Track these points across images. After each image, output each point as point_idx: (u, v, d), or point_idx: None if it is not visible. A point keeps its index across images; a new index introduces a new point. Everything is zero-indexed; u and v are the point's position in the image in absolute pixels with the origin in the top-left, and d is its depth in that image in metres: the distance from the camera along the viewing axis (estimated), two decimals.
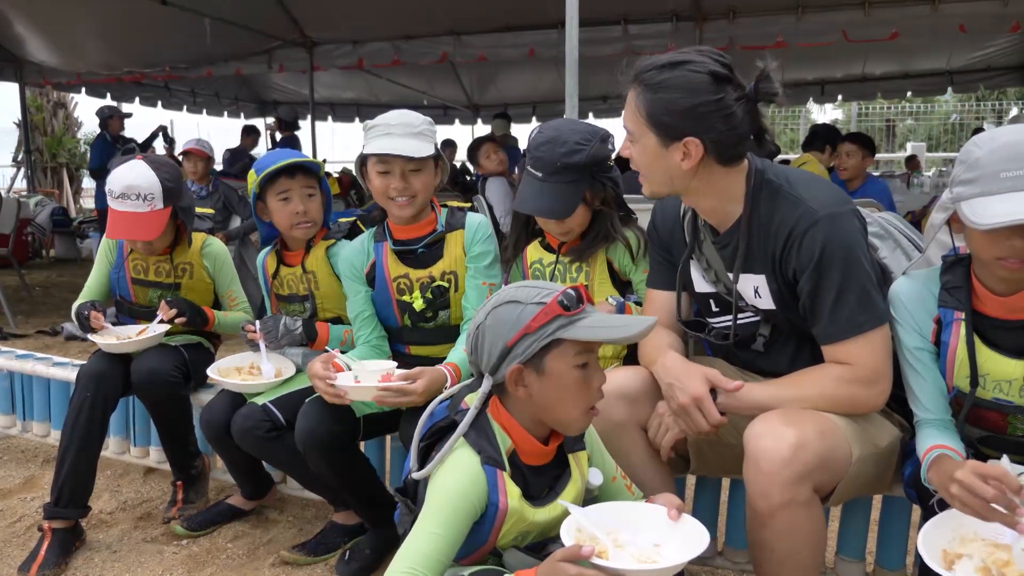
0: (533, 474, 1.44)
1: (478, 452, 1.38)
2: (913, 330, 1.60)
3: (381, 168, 2.09)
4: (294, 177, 2.32)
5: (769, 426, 1.51)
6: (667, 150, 1.58)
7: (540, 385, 1.37)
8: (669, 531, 1.37)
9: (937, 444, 1.52)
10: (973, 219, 1.38)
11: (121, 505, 2.75)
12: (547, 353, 1.35)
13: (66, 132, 16.76)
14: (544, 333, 1.34)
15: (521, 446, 1.42)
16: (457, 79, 11.45)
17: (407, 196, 2.11)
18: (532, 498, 1.42)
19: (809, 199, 1.60)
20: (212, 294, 2.66)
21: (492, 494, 1.36)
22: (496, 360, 1.37)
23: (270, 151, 2.44)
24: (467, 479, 1.35)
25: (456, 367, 2.02)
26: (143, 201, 2.37)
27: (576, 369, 1.37)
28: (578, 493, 1.48)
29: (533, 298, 1.36)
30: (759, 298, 1.71)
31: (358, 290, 2.22)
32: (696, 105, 1.53)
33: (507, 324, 1.36)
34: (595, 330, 1.34)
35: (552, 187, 1.96)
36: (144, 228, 2.39)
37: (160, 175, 2.40)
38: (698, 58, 1.55)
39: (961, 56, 9.79)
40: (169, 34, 8.12)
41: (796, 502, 1.48)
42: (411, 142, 2.07)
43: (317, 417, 2.03)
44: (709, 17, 7.17)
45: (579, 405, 1.40)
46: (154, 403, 2.48)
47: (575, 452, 1.50)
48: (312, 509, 2.69)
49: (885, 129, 20.21)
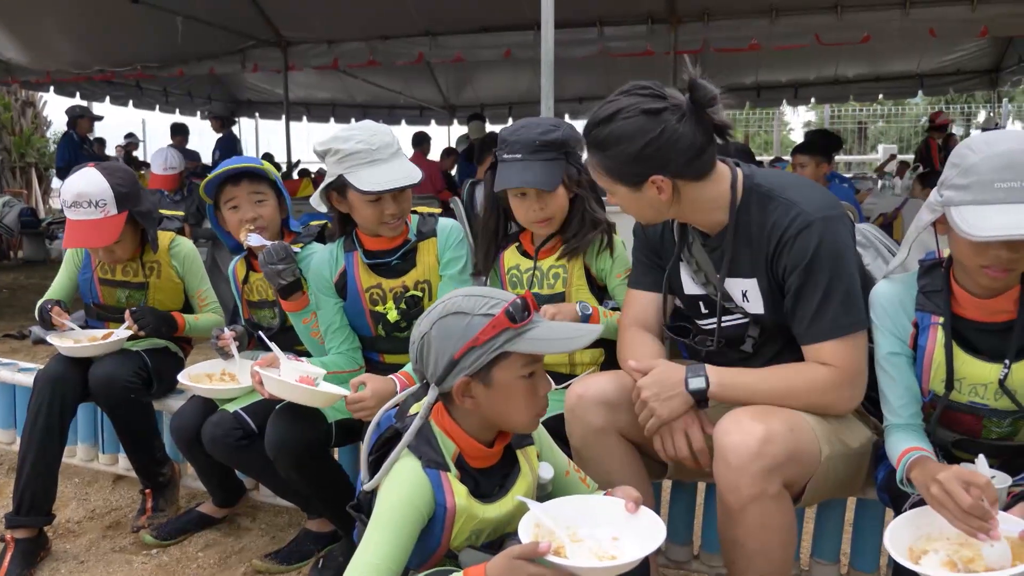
0: (482, 475, 1.43)
1: (419, 458, 1.37)
2: (891, 334, 1.60)
3: (374, 197, 2.02)
4: (239, 184, 2.27)
5: (738, 422, 1.53)
6: (640, 191, 1.63)
7: (487, 396, 1.37)
8: (626, 524, 1.36)
9: (913, 447, 1.53)
10: (964, 228, 1.36)
11: (89, 514, 2.70)
12: (494, 365, 1.35)
13: (35, 131, 16.44)
14: (492, 346, 1.33)
15: (466, 450, 1.42)
16: (433, 80, 11.41)
17: (400, 217, 2.08)
18: (483, 496, 1.41)
19: (802, 202, 1.61)
20: (182, 294, 2.62)
21: (438, 495, 1.35)
22: (442, 372, 1.36)
23: (224, 159, 2.40)
24: (410, 485, 1.34)
25: (409, 376, 1.99)
26: (95, 208, 2.34)
27: (523, 379, 1.37)
28: (528, 488, 1.48)
29: (480, 309, 1.35)
30: (747, 302, 1.72)
31: (327, 301, 2.18)
32: (644, 146, 1.55)
33: (453, 336, 1.34)
34: (542, 342, 1.35)
35: (534, 163, 1.98)
36: (99, 235, 2.35)
37: (112, 181, 2.37)
38: (626, 101, 1.57)
39: (931, 60, 9.97)
40: (140, 32, 8.00)
41: (766, 495, 1.49)
42: (399, 165, 2.02)
43: (287, 424, 2.00)
44: (684, 20, 7.19)
45: (527, 413, 1.40)
46: (112, 409, 2.43)
47: (523, 448, 1.50)
48: (285, 516, 2.65)
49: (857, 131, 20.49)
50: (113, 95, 10.78)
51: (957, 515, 1.31)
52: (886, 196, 6.81)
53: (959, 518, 1.31)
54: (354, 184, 1.98)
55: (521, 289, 2.12)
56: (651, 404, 1.62)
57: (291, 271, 2.15)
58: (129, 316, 2.42)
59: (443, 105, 12.72)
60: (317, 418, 2.04)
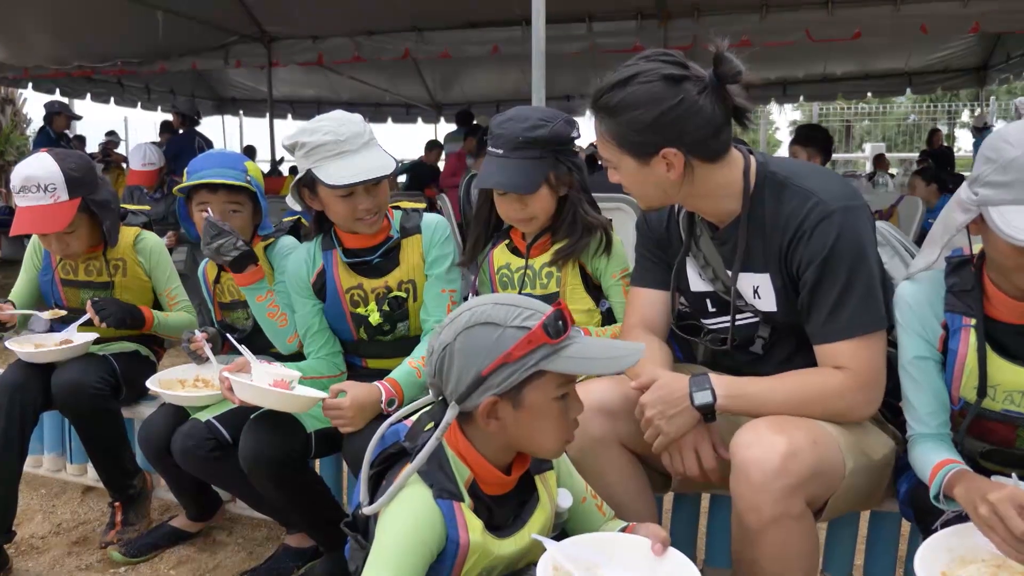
0: (496, 503, 1.30)
1: (430, 485, 1.23)
2: (920, 337, 1.48)
3: (345, 191, 1.89)
4: (216, 192, 2.14)
5: (758, 435, 1.41)
6: (649, 166, 1.49)
7: (515, 418, 1.23)
8: (653, 568, 1.24)
9: (949, 459, 1.41)
10: (1007, 231, 1.24)
11: (55, 528, 2.54)
12: (526, 385, 1.21)
13: (14, 129, 16.17)
14: (526, 364, 1.19)
15: (481, 476, 1.28)
16: (420, 77, 11.31)
17: (376, 212, 1.94)
18: (497, 528, 1.28)
19: (820, 191, 1.49)
20: (151, 293, 2.47)
21: (450, 530, 1.21)
22: (466, 389, 1.21)
23: (203, 154, 2.24)
24: (419, 516, 1.20)
25: (396, 383, 1.85)
26: (44, 193, 2.20)
27: (556, 401, 1.24)
28: (547, 519, 1.35)
29: (513, 320, 1.20)
30: (758, 299, 1.60)
31: (304, 303, 2.04)
32: (660, 115, 1.43)
33: (482, 350, 1.19)
34: (583, 362, 1.20)
35: (514, 162, 1.85)
36: (47, 221, 2.21)
37: (63, 165, 2.23)
38: (646, 66, 1.45)
39: (920, 57, 9.99)
40: (120, 27, 7.84)
41: (788, 516, 1.38)
42: (371, 156, 1.88)
43: (262, 435, 1.87)
44: (674, 15, 7.14)
45: (555, 438, 1.26)
46: (78, 418, 2.28)
47: (542, 473, 1.37)
48: (264, 530, 2.50)
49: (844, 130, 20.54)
50: (94, 92, 10.59)
51: (1008, 540, 1.21)
52: (879, 193, 6.74)
53: (1009, 543, 1.21)
54: (322, 179, 1.85)
55: (512, 290, 2.00)
56: (656, 422, 1.50)
57: (231, 244, 2.02)
58: (91, 307, 2.26)
59: (430, 103, 12.61)
60: (295, 428, 1.91)
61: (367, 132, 1.91)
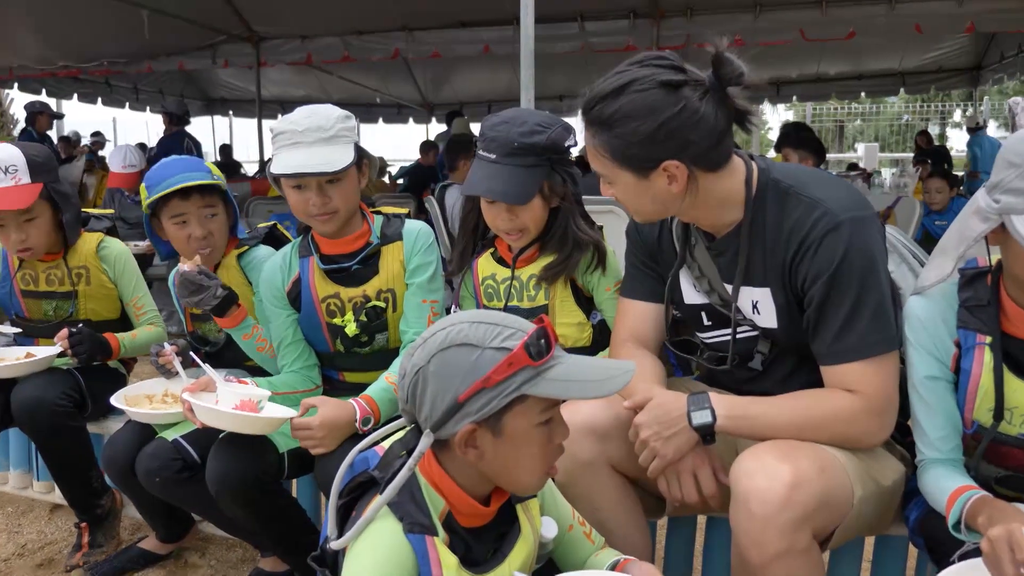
0: (474, 537, 1.19)
1: (400, 519, 1.12)
2: (931, 356, 1.38)
3: (294, 183, 1.80)
4: (189, 198, 2.03)
5: (760, 462, 1.30)
6: (648, 180, 1.38)
7: (494, 447, 1.12)
8: None
9: (967, 485, 1.32)
10: None
11: (19, 550, 2.42)
12: (507, 411, 1.10)
13: (1, 130, 16.04)
14: (507, 388, 1.08)
15: (458, 507, 1.17)
16: (411, 77, 11.19)
17: (328, 212, 1.83)
18: (474, 564, 1.17)
19: (827, 200, 1.38)
20: (117, 302, 2.35)
21: (422, 567, 1.11)
22: (442, 416, 1.10)
23: (159, 163, 2.12)
24: (387, 553, 1.10)
25: (372, 401, 1.75)
26: (4, 174, 2.12)
27: (539, 427, 1.13)
28: (530, 552, 1.24)
29: (492, 340, 1.09)
30: (758, 314, 1.50)
31: (279, 314, 1.94)
32: (659, 126, 1.32)
33: (459, 373, 1.09)
34: (569, 384, 1.10)
35: (507, 169, 1.73)
36: (8, 199, 2.12)
37: (26, 151, 2.17)
38: (641, 72, 1.33)
39: (913, 57, 9.94)
40: (106, 26, 7.70)
41: (794, 551, 1.27)
42: (324, 152, 1.76)
43: (230, 456, 1.75)
44: (667, 14, 7.06)
45: (538, 467, 1.16)
46: (38, 435, 2.15)
47: (524, 501, 1.27)
48: (238, 551, 2.39)
49: (836, 130, 20.52)
50: (81, 92, 10.42)
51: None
52: (875, 195, 6.66)
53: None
54: (270, 166, 1.80)
55: (498, 302, 1.89)
56: (652, 444, 1.40)
57: (211, 295, 1.91)
58: (66, 338, 2.14)
59: (421, 103, 12.48)
60: (266, 448, 1.80)
61: (332, 128, 1.79)
